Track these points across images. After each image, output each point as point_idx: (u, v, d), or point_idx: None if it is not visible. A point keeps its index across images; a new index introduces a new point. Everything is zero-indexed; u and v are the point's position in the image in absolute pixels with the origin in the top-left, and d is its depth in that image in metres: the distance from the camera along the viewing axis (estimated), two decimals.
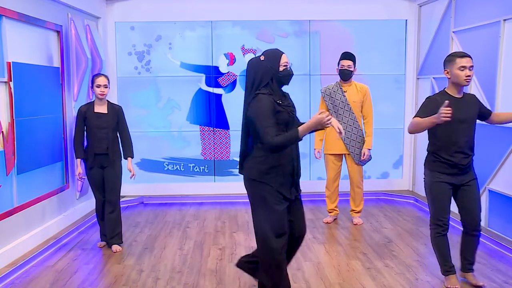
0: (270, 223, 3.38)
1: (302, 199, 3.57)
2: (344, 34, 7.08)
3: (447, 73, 3.76)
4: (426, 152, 3.94)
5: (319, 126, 3.22)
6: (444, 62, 3.80)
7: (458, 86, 3.75)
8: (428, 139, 3.90)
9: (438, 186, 3.85)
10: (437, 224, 3.87)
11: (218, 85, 7.13)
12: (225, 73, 7.10)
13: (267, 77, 3.35)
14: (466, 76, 3.67)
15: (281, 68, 3.38)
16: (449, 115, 3.46)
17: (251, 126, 3.38)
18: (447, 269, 3.93)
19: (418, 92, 7.03)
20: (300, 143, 3.37)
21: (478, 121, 5.55)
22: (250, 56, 7.00)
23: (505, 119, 3.95)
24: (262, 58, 3.40)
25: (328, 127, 3.26)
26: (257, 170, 3.39)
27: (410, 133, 3.87)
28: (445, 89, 3.83)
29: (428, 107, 3.74)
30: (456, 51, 3.87)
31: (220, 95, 7.13)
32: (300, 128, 3.21)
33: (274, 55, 3.39)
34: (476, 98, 3.92)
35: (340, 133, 3.25)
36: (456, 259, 4.04)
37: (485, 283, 3.93)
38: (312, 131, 3.32)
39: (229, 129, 7.16)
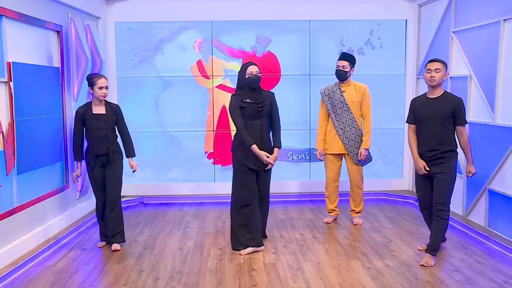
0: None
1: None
2: (343, 34, 7.08)
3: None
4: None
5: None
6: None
7: (429, 88, 4.36)
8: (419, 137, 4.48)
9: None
10: None
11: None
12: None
13: (240, 83, 4.76)
14: (431, 77, 4.29)
15: (246, 76, 4.66)
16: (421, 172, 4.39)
17: None
18: None
19: (418, 92, 7.01)
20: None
21: (478, 121, 5.53)
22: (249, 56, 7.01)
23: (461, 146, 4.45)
24: None
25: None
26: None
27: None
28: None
29: (410, 109, 4.55)
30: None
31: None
32: (254, 145, 4.61)
33: (244, 67, 4.71)
34: (455, 102, 4.30)
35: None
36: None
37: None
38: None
39: None
